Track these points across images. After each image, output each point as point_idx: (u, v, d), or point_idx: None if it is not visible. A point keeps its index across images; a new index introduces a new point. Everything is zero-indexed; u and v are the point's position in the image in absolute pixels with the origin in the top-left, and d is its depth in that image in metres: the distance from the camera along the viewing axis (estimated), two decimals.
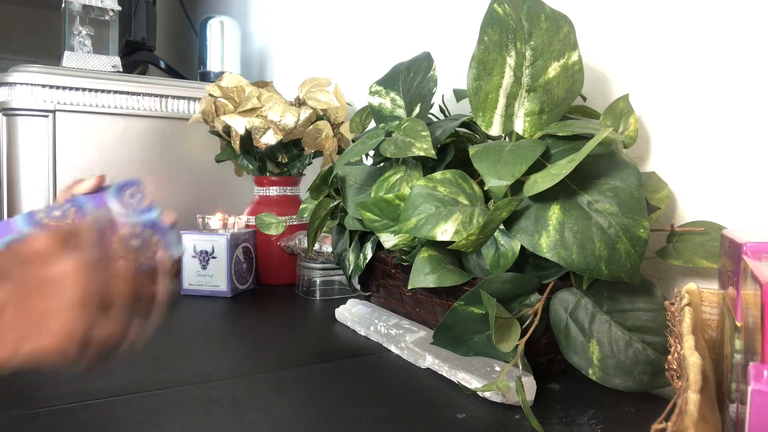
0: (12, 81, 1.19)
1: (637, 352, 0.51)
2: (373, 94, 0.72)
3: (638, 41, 0.65)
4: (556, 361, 0.58)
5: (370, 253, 0.73)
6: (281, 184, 1.06)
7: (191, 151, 1.41)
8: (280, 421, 0.47)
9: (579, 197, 0.49)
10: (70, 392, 0.52)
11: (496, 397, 0.50)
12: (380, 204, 0.62)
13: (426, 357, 0.59)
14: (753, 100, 0.55)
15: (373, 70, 1.15)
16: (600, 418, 0.48)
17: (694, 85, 0.60)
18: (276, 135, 0.97)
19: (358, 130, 0.87)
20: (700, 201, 0.60)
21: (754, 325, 0.30)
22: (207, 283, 0.93)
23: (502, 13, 0.55)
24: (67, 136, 1.25)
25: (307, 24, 1.41)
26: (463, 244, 0.52)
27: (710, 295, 0.45)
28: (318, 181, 0.77)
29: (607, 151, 0.52)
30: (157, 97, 1.34)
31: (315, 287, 0.93)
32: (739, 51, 0.56)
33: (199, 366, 0.60)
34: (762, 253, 0.35)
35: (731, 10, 0.56)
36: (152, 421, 0.47)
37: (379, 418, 0.47)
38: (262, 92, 1.01)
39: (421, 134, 0.60)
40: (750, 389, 0.25)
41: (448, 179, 0.57)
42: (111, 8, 1.40)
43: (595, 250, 0.47)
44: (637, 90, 0.65)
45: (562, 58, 0.55)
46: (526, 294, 0.55)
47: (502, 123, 0.56)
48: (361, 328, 0.72)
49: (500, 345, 0.50)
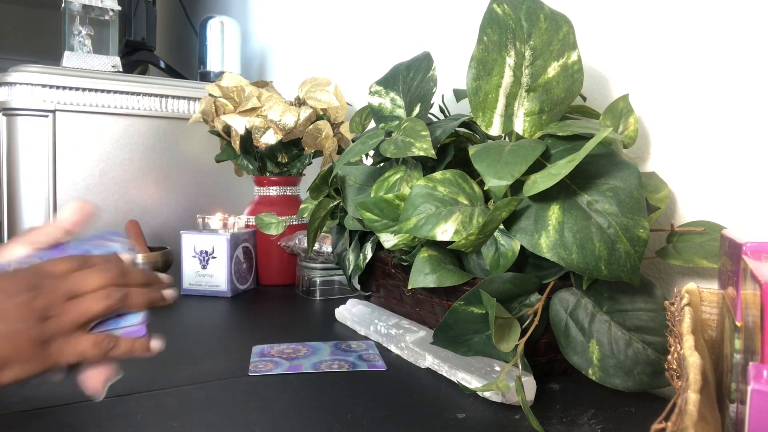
0: (12, 81, 1.19)
1: (637, 352, 0.51)
2: (373, 94, 0.72)
3: (638, 41, 0.65)
4: (556, 361, 0.58)
5: (370, 253, 0.73)
6: (281, 184, 1.06)
7: (191, 151, 1.41)
8: (279, 421, 0.47)
9: (579, 197, 0.49)
10: (69, 392, 0.52)
11: (496, 397, 0.50)
12: (380, 204, 0.62)
13: (426, 357, 0.59)
14: (753, 100, 0.55)
15: (373, 70, 1.15)
16: (600, 418, 0.48)
17: (693, 85, 0.60)
18: (276, 135, 0.97)
19: (358, 130, 0.87)
20: (700, 201, 0.60)
21: (754, 324, 0.30)
22: (207, 283, 0.93)
23: (502, 13, 0.55)
24: (67, 136, 1.25)
25: (307, 24, 1.41)
26: (463, 244, 0.52)
27: (710, 295, 0.45)
28: (318, 181, 0.77)
29: (607, 151, 0.52)
30: (157, 97, 1.34)
31: (315, 287, 0.93)
32: (739, 51, 0.56)
33: (199, 366, 0.60)
34: (762, 253, 0.35)
35: (731, 10, 0.56)
36: (152, 421, 0.47)
37: (379, 418, 0.47)
38: (262, 92, 1.01)
39: (421, 134, 0.60)
40: (750, 389, 0.25)
41: (448, 179, 0.57)
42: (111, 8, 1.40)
43: (594, 250, 0.47)
44: (637, 90, 0.65)
45: (562, 58, 0.55)
46: (526, 294, 0.55)
47: (501, 123, 0.56)
48: (361, 328, 0.72)
49: (500, 345, 0.50)
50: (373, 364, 0.60)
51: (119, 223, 1.31)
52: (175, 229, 1.37)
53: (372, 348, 0.66)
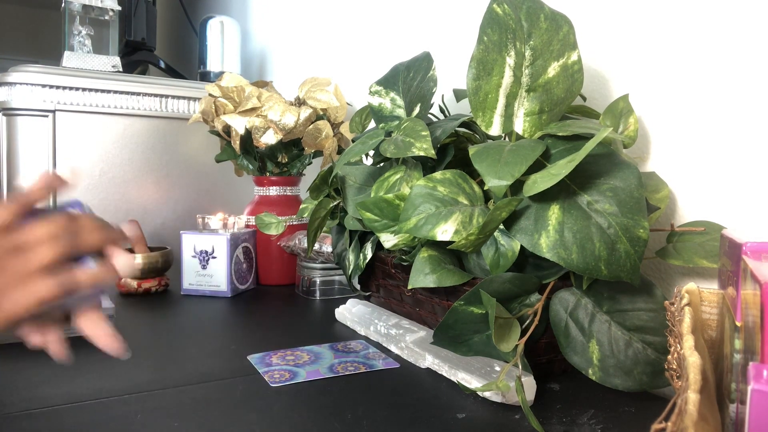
0: (12, 81, 1.20)
1: (637, 352, 0.51)
2: (373, 94, 0.72)
3: (638, 41, 0.65)
4: (556, 361, 0.58)
5: (370, 253, 0.73)
6: (281, 184, 1.06)
7: (191, 151, 1.41)
8: (279, 421, 0.47)
9: (579, 197, 0.49)
10: (68, 392, 0.52)
11: (496, 397, 0.50)
12: (380, 204, 0.62)
13: (426, 357, 0.59)
14: (753, 100, 0.55)
15: (373, 70, 1.15)
16: (600, 418, 0.48)
17: (693, 85, 0.60)
18: (276, 135, 0.97)
19: (358, 130, 0.87)
20: (700, 201, 0.60)
21: (754, 324, 0.30)
22: (207, 283, 0.93)
23: (502, 13, 0.55)
24: (67, 136, 1.25)
25: (307, 24, 1.41)
26: (462, 244, 0.52)
27: (710, 295, 0.45)
28: (318, 181, 0.77)
29: (607, 151, 0.52)
30: (157, 97, 1.34)
31: (315, 287, 0.93)
32: (739, 51, 0.56)
33: (199, 366, 0.60)
34: (762, 253, 0.35)
35: (731, 10, 0.56)
36: (152, 421, 0.47)
37: (379, 418, 0.47)
38: (262, 92, 1.01)
39: (421, 134, 0.60)
40: (750, 389, 0.25)
41: (448, 179, 0.57)
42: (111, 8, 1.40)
43: (594, 250, 0.47)
44: (637, 90, 0.65)
45: (562, 58, 0.55)
46: (526, 294, 0.55)
47: (501, 123, 0.56)
48: (361, 328, 0.72)
49: (500, 345, 0.50)
50: (388, 361, 0.61)
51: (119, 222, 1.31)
52: (175, 229, 1.37)
53: (370, 347, 0.66)
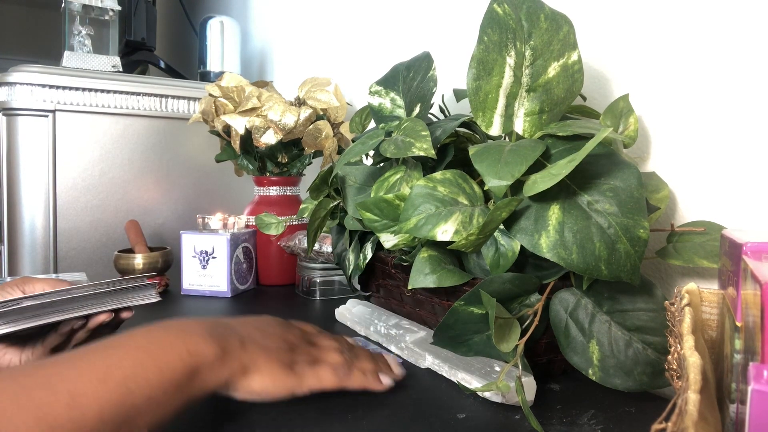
0: (12, 81, 1.20)
1: (637, 353, 0.51)
2: (373, 94, 0.72)
3: (638, 41, 0.65)
4: (556, 361, 0.58)
5: (370, 253, 0.73)
6: (281, 184, 1.06)
7: (191, 151, 1.41)
8: (279, 421, 0.47)
9: (579, 197, 0.49)
10: None
11: (496, 397, 0.50)
12: (380, 204, 0.62)
13: (426, 357, 0.59)
14: (753, 100, 0.55)
15: (373, 70, 1.15)
16: (600, 418, 0.48)
17: (694, 85, 0.60)
18: (276, 135, 0.97)
19: (358, 130, 0.87)
20: (700, 201, 0.60)
21: (754, 325, 0.30)
22: (207, 283, 0.93)
23: (502, 13, 0.55)
24: (67, 136, 1.25)
25: (307, 24, 1.41)
26: (463, 244, 0.52)
27: (710, 295, 0.45)
28: (318, 181, 0.77)
29: (607, 151, 0.52)
30: (157, 97, 1.34)
31: (315, 287, 0.93)
32: (739, 51, 0.56)
33: None
34: (762, 253, 0.35)
35: (731, 10, 0.56)
36: None
37: (379, 418, 0.47)
38: (262, 92, 1.01)
39: (421, 134, 0.60)
40: (750, 389, 0.25)
41: (448, 179, 0.57)
42: (111, 8, 1.40)
43: (594, 250, 0.47)
44: (637, 90, 0.65)
45: (562, 58, 0.55)
46: (526, 294, 0.55)
47: (502, 123, 0.56)
48: (361, 328, 0.72)
49: (500, 345, 0.50)
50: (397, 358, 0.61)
51: (119, 223, 1.31)
52: (175, 229, 1.37)
53: (370, 347, 0.66)
